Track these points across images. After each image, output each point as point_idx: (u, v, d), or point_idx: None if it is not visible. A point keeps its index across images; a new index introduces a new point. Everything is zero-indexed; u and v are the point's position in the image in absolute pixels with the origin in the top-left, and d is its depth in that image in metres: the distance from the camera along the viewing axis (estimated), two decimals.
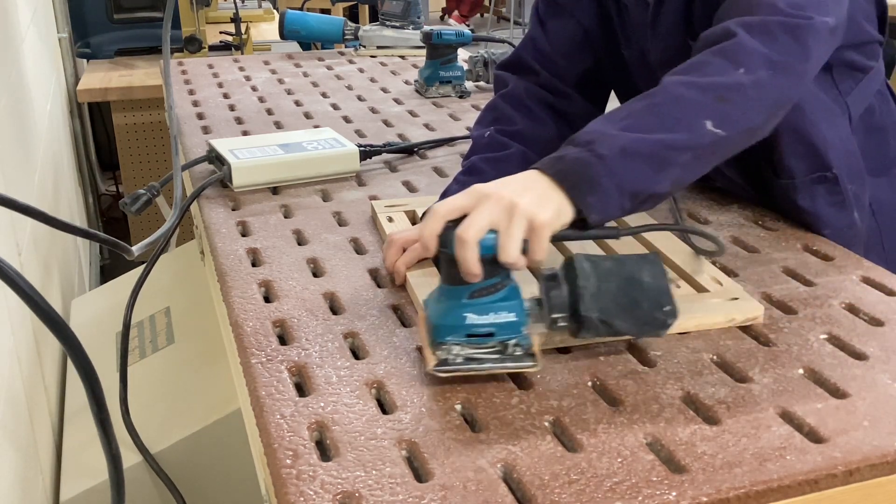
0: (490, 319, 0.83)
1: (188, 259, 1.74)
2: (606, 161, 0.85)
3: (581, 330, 0.84)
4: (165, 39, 1.19)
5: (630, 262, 0.87)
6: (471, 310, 0.83)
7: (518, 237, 0.81)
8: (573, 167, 0.86)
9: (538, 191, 0.84)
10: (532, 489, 0.70)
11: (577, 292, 0.83)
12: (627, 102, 0.93)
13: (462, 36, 1.90)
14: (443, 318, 0.83)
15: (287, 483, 0.71)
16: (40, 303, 0.58)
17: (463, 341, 0.83)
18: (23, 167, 1.64)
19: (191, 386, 1.41)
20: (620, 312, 0.83)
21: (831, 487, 0.73)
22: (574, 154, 0.87)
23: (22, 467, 1.13)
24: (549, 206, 0.83)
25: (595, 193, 0.85)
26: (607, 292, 0.83)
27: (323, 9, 4.46)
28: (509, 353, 0.83)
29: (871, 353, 0.89)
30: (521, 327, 0.84)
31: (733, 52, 0.92)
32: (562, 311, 0.84)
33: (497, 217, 0.81)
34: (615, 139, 0.87)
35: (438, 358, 0.83)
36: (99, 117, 3.51)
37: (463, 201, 0.84)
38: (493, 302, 0.83)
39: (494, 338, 0.83)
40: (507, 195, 0.82)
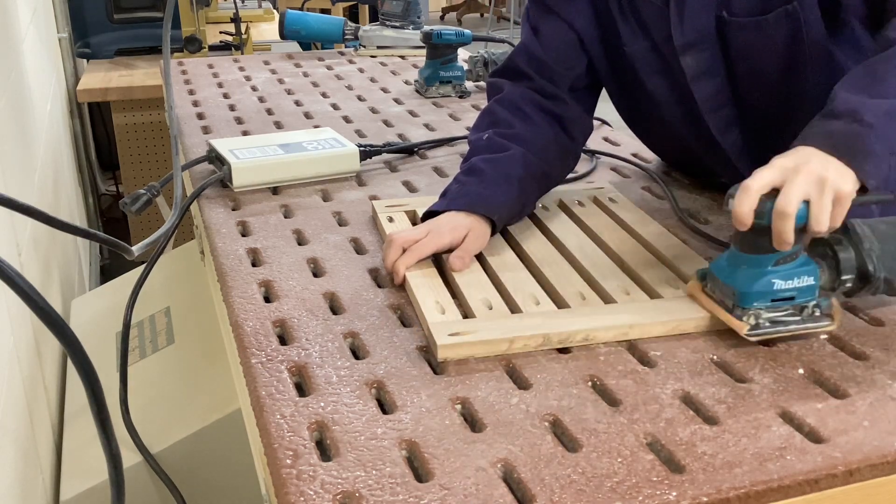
0: (793, 284, 0.90)
1: (188, 259, 1.74)
2: (876, 128, 0.90)
3: (862, 290, 0.92)
4: (165, 39, 1.19)
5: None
6: (777, 276, 0.89)
7: (829, 207, 0.87)
8: (847, 140, 0.90)
9: (833, 164, 0.88)
10: (532, 489, 0.70)
11: (864, 254, 0.90)
12: (866, 65, 0.97)
13: (462, 36, 1.90)
14: (751, 284, 0.90)
15: (287, 483, 0.71)
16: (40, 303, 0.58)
17: (767, 306, 0.90)
18: (23, 167, 1.64)
19: (191, 386, 1.41)
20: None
21: (831, 487, 0.73)
22: (840, 127, 0.91)
23: (22, 467, 1.13)
24: (848, 178, 0.88)
25: (871, 161, 0.89)
26: (890, 253, 0.91)
27: (323, 9, 4.46)
28: (808, 315, 0.91)
29: (871, 353, 0.89)
30: (818, 290, 0.91)
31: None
32: (850, 272, 0.91)
33: (809, 189, 0.86)
34: (876, 106, 0.91)
35: (748, 324, 0.90)
36: (99, 117, 3.51)
37: (771, 176, 0.88)
38: (796, 267, 0.90)
39: (794, 301, 0.90)
40: (814, 169, 0.87)
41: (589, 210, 1.24)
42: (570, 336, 0.91)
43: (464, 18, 8.64)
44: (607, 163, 1.48)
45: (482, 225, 1.09)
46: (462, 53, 2.08)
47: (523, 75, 1.26)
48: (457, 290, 1.02)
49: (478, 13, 8.79)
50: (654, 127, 1.35)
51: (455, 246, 1.07)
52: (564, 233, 1.16)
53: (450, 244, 1.07)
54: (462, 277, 1.04)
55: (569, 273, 1.05)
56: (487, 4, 8.13)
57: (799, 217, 0.86)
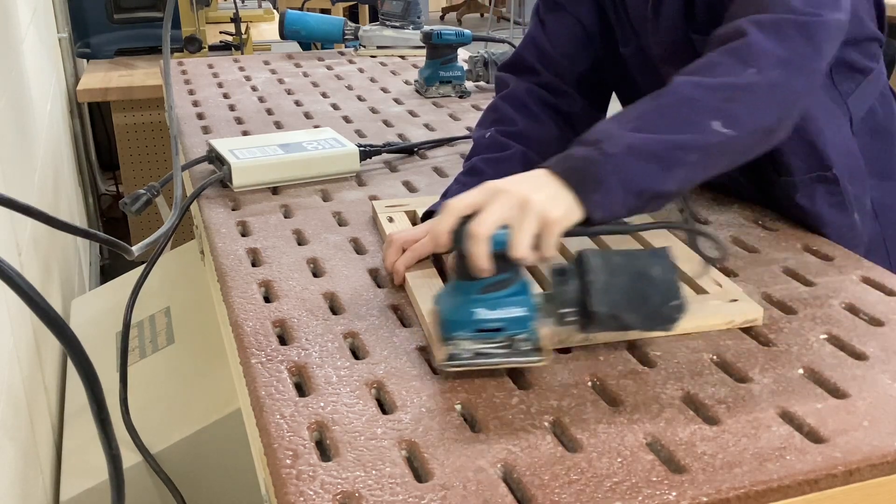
0: (500, 314, 0.83)
1: (188, 259, 1.74)
2: (613, 159, 0.86)
3: (590, 325, 0.84)
4: (165, 39, 1.19)
5: (640, 256, 0.87)
6: (481, 305, 0.83)
7: (530, 233, 0.82)
8: (580, 165, 0.86)
9: (549, 188, 0.85)
10: (532, 489, 0.70)
11: (586, 287, 0.83)
12: (637, 102, 0.93)
13: (462, 36, 1.90)
14: (453, 313, 0.84)
15: (287, 483, 0.71)
16: (40, 303, 0.58)
17: (472, 336, 0.84)
18: (23, 167, 1.64)
19: (191, 386, 1.41)
20: (629, 307, 0.83)
21: (831, 487, 0.73)
22: (581, 152, 0.88)
23: (22, 467, 1.13)
24: (560, 204, 0.84)
25: (600, 191, 0.85)
26: (617, 287, 0.83)
27: (323, 9, 4.47)
28: (517, 348, 0.84)
29: (871, 353, 0.89)
30: (530, 322, 0.84)
31: (744, 51, 0.91)
32: (571, 305, 0.84)
33: (510, 213, 0.82)
34: (622, 138, 0.87)
35: (447, 352, 0.84)
36: (99, 117, 3.51)
37: (476, 197, 0.84)
38: (503, 297, 0.84)
39: (503, 333, 0.84)
40: (520, 191, 0.83)
41: None
42: (570, 336, 0.91)
43: (464, 18, 8.64)
44: None
45: None
46: (462, 53, 2.08)
47: (529, 70, 1.25)
48: None
49: (478, 13, 8.79)
50: None
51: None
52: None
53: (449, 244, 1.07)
54: None
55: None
56: (487, 4, 8.13)
57: (497, 242, 0.81)
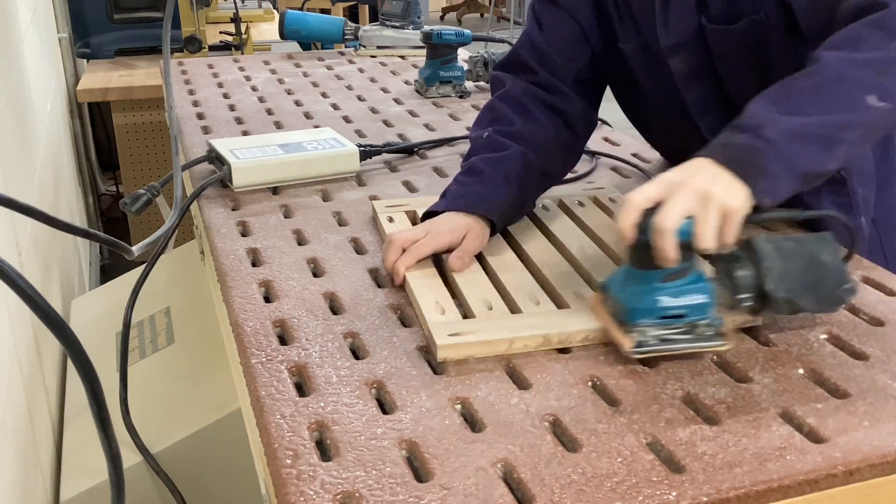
0: (682, 302, 0.87)
1: (188, 259, 1.74)
2: (776, 146, 0.87)
3: (765, 309, 0.88)
4: (165, 39, 1.19)
5: (809, 241, 0.90)
6: (664, 293, 0.87)
7: (714, 224, 0.84)
8: (743, 154, 0.88)
9: (724, 178, 0.86)
10: (532, 489, 0.70)
11: (764, 273, 0.86)
12: (786, 81, 0.94)
13: (462, 36, 1.90)
14: (637, 301, 0.87)
15: (287, 483, 0.71)
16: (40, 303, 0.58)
17: (656, 323, 0.87)
18: (23, 167, 1.64)
19: (191, 386, 1.41)
20: (805, 291, 0.87)
21: (831, 487, 0.73)
22: (742, 140, 0.89)
23: (22, 467, 1.13)
24: (738, 193, 0.86)
25: (766, 178, 0.87)
26: (792, 272, 0.87)
27: (323, 9, 4.46)
28: (700, 334, 0.87)
29: (871, 353, 0.89)
30: (711, 308, 0.87)
31: (889, 23, 0.92)
32: (748, 291, 0.87)
33: (693, 205, 0.84)
34: (780, 122, 0.88)
35: (634, 340, 0.87)
36: (99, 117, 3.51)
37: (656, 191, 0.86)
38: (685, 285, 0.87)
39: (685, 319, 0.87)
40: (699, 184, 0.85)
41: (589, 210, 1.24)
42: (570, 336, 0.91)
43: (464, 18, 8.64)
44: (607, 163, 1.48)
45: (482, 225, 1.09)
46: (462, 53, 2.08)
47: (526, 68, 1.25)
48: (456, 291, 1.02)
49: (478, 13, 8.79)
50: (654, 124, 1.35)
51: (455, 246, 1.07)
52: (565, 233, 1.16)
53: (449, 244, 1.07)
54: (462, 277, 1.04)
55: (569, 273, 1.05)
56: (487, 4, 8.13)
57: (682, 233, 0.83)
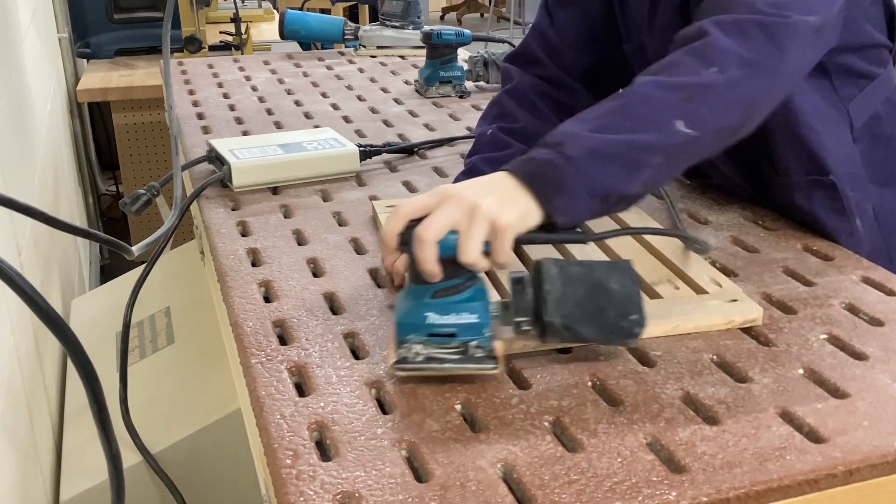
0: (452, 320, 0.82)
1: (188, 259, 1.74)
2: (574, 163, 0.84)
3: (546, 335, 0.83)
4: (165, 39, 1.19)
5: (600, 268, 0.86)
6: (433, 309, 0.82)
7: (478, 238, 0.81)
8: (541, 169, 0.85)
9: (504, 192, 0.84)
10: (532, 489, 0.70)
11: (541, 296, 0.82)
12: (600, 102, 0.92)
13: (462, 36, 1.90)
14: (405, 315, 0.83)
15: (287, 483, 0.71)
16: (40, 303, 0.58)
17: (425, 340, 0.83)
18: (23, 167, 1.64)
19: (191, 386, 1.41)
20: (585, 319, 0.82)
21: (831, 487, 0.73)
22: (542, 155, 0.86)
23: (22, 467, 1.13)
24: (513, 208, 0.83)
25: (562, 196, 0.84)
26: (572, 298, 0.82)
27: (323, 9, 4.47)
28: (471, 355, 0.83)
29: (871, 353, 0.89)
30: (484, 329, 0.83)
31: (705, 50, 0.91)
32: (526, 314, 0.83)
33: (458, 217, 0.81)
34: (584, 140, 0.86)
35: (399, 355, 0.83)
36: (99, 117, 3.51)
37: (427, 201, 0.83)
38: (456, 302, 0.83)
39: (456, 338, 0.83)
40: (470, 196, 0.82)
41: None
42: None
43: (464, 18, 8.64)
44: None
45: None
46: (462, 53, 2.08)
47: (535, 61, 1.25)
48: None
49: (478, 13, 8.79)
50: None
51: None
52: None
53: None
54: None
55: None
56: (487, 4, 8.13)
57: (447, 247, 0.80)
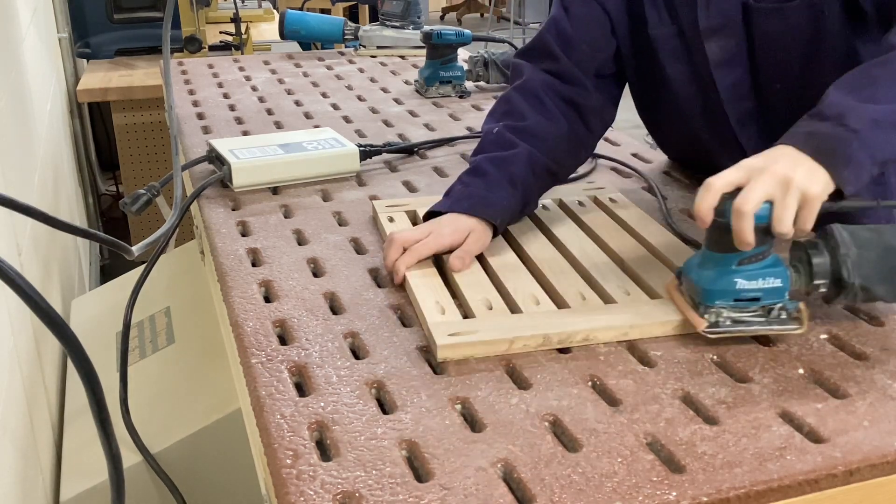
0: (758, 285, 0.89)
1: (188, 259, 1.74)
2: (860, 135, 0.89)
3: (839, 296, 0.90)
4: (165, 39, 1.19)
5: (886, 231, 0.91)
6: (741, 275, 0.89)
7: (793, 208, 0.86)
8: (828, 143, 0.89)
9: (805, 165, 0.88)
10: (532, 489, 0.70)
11: (840, 260, 0.88)
12: (860, 70, 0.96)
13: (462, 36, 1.90)
14: (713, 283, 0.90)
15: (287, 483, 0.71)
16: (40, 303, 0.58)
17: (731, 305, 0.90)
18: (23, 167, 1.64)
19: (191, 386, 1.41)
20: (880, 279, 0.89)
21: (831, 487, 0.73)
22: (826, 129, 0.90)
23: (22, 467, 1.13)
24: (818, 180, 0.88)
25: (851, 166, 0.89)
26: (868, 260, 0.88)
27: (323, 9, 4.46)
28: (774, 317, 0.90)
29: (871, 353, 0.89)
30: (786, 293, 0.90)
31: None
32: (824, 277, 0.90)
33: (773, 190, 0.86)
34: (864, 111, 0.90)
35: (708, 321, 0.89)
36: (99, 117, 3.51)
37: (736, 175, 0.88)
38: (761, 268, 0.89)
39: (760, 302, 0.90)
40: (780, 170, 0.87)
41: (589, 210, 1.24)
42: (569, 336, 0.91)
43: (464, 18, 8.64)
44: (608, 163, 1.48)
45: (484, 227, 1.09)
46: (462, 53, 2.08)
47: (549, 55, 1.24)
48: (457, 291, 1.02)
49: (478, 13, 8.79)
50: (669, 118, 1.33)
51: (456, 247, 1.07)
52: (565, 233, 1.16)
53: (450, 245, 1.07)
54: (462, 278, 1.04)
55: (569, 273, 1.05)
56: (487, 4, 8.13)
57: (760, 217, 0.86)
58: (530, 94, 1.22)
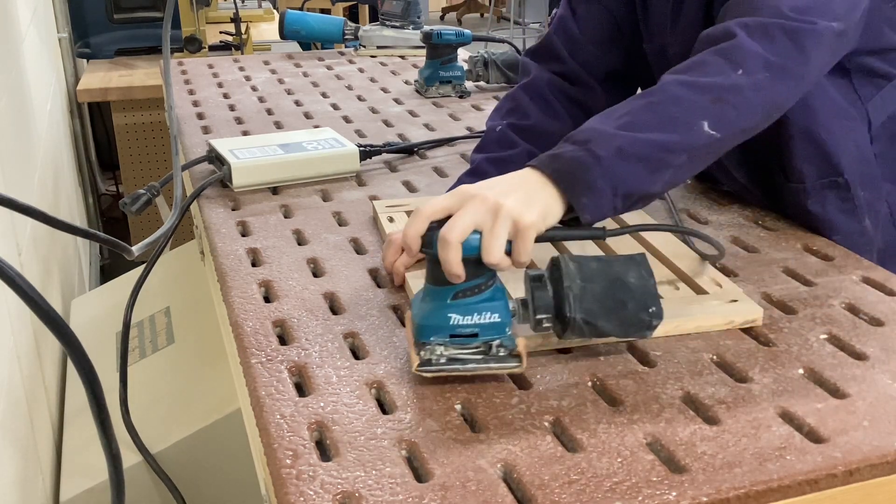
0: (474, 320, 0.83)
1: (188, 259, 1.74)
2: (603, 162, 0.85)
3: (566, 331, 0.84)
4: (165, 39, 1.19)
5: (616, 263, 0.86)
6: (455, 310, 0.83)
7: (502, 238, 0.81)
8: (569, 167, 0.86)
9: (526, 190, 0.84)
10: (532, 489, 0.70)
11: (561, 293, 0.83)
12: (627, 100, 0.93)
13: (462, 36, 1.90)
14: (427, 318, 0.83)
15: (287, 483, 0.71)
16: (40, 303, 0.58)
17: (447, 341, 0.83)
18: (23, 167, 1.64)
19: (191, 386, 1.41)
20: (605, 314, 0.83)
21: (831, 487, 0.73)
22: (571, 153, 0.87)
23: (22, 467, 1.13)
24: (535, 207, 0.83)
25: (590, 194, 0.85)
26: (592, 293, 0.83)
27: (323, 9, 4.47)
28: (493, 354, 0.83)
29: (871, 353, 0.89)
30: (506, 328, 0.83)
31: (732, 52, 0.91)
32: (546, 311, 0.83)
33: (481, 218, 0.81)
34: (612, 139, 0.86)
35: (422, 358, 0.83)
36: (99, 117, 3.51)
37: (448, 202, 0.83)
38: (478, 302, 0.83)
39: (478, 338, 0.83)
40: (492, 196, 0.82)
41: None
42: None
43: (464, 18, 8.64)
44: None
45: None
46: (462, 53, 2.08)
47: (555, 56, 1.24)
48: None
49: (478, 13, 8.80)
50: None
51: None
52: None
53: None
54: None
55: None
56: (487, 4, 8.13)
57: (470, 247, 0.80)
58: (536, 93, 1.22)
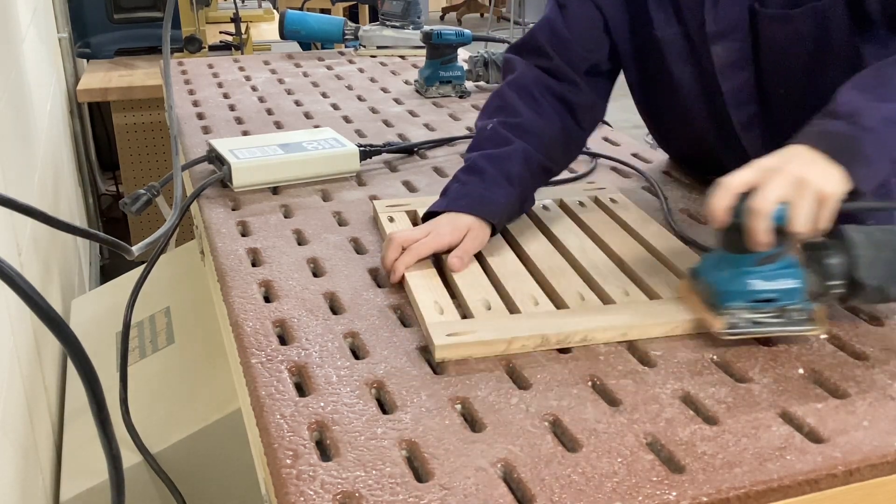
0: (774, 286, 0.89)
1: (188, 259, 1.74)
2: (874, 133, 0.89)
3: (853, 297, 0.90)
4: (165, 39, 1.19)
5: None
6: (756, 276, 0.89)
7: (809, 208, 0.86)
8: (842, 141, 0.89)
9: (820, 165, 0.88)
10: (532, 489, 0.70)
11: (854, 261, 0.89)
12: (874, 68, 0.96)
13: (462, 36, 1.90)
14: (729, 284, 0.90)
15: (287, 483, 0.71)
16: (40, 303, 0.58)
17: (747, 306, 0.89)
18: (23, 167, 1.64)
19: (191, 386, 1.41)
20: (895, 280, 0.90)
21: (831, 487, 0.73)
22: (841, 128, 0.90)
23: (22, 467, 1.13)
24: (832, 179, 0.88)
25: (865, 165, 0.89)
26: (883, 260, 0.89)
27: (323, 9, 4.46)
28: (790, 318, 0.89)
29: (871, 353, 0.89)
30: (802, 293, 0.90)
31: None
32: (839, 278, 0.90)
33: (788, 189, 0.86)
34: (877, 110, 0.90)
35: (726, 322, 0.89)
36: (99, 117, 3.51)
37: (750, 176, 0.88)
38: (777, 269, 0.89)
39: (776, 303, 0.89)
40: (795, 169, 0.87)
41: (589, 210, 1.24)
42: (568, 336, 0.91)
43: (464, 18, 8.64)
44: (608, 163, 1.48)
45: (482, 226, 1.09)
46: (462, 53, 2.08)
47: (541, 52, 1.24)
48: (456, 291, 1.02)
49: (478, 13, 8.79)
50: (673, 119, 1.33)
51: (454, 246, 1.07)
52: (565, 233, 1.16)
53: (449, 244, 1.07)
54: (461, 278, 1.04)
55: (568, 273, 1.05)
56: (487, 4, 8.13)
57: (776, 217, 0.85)
58: (523, 90, 1.21)
